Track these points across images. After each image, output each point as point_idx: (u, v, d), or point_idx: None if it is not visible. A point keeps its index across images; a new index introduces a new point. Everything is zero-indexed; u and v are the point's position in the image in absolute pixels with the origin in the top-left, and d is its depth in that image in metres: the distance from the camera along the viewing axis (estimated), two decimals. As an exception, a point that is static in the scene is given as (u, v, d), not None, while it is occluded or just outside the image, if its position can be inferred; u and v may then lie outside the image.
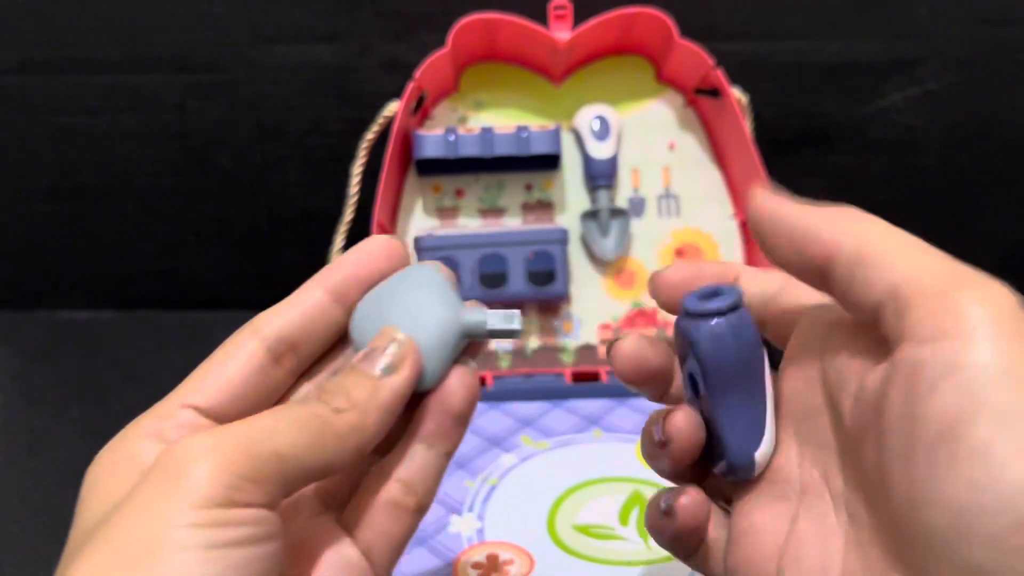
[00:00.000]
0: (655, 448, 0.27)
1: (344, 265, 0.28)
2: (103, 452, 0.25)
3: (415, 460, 0.26)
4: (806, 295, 0.27)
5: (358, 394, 0.24)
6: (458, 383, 0.26)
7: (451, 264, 0.56)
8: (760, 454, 0.26)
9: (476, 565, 0.40)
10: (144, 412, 0.25)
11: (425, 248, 0.56)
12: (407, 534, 0.26)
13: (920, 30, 0.63)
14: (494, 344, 0.59)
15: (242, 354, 0.26)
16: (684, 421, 0.27)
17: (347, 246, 0.58)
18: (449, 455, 0.27)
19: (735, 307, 0.26)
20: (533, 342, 0.59)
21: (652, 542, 0.41)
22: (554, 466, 0.47)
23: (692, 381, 0.27)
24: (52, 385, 0.62)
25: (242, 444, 0.21)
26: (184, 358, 0.27)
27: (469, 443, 0.50)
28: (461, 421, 0.26)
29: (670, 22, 0.56)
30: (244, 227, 0.68)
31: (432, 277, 0.27)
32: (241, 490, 0.21)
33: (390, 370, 0.25)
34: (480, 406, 0.54)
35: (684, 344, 0.27)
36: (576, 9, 0.57)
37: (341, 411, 0.24)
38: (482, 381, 0.57)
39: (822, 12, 0.63)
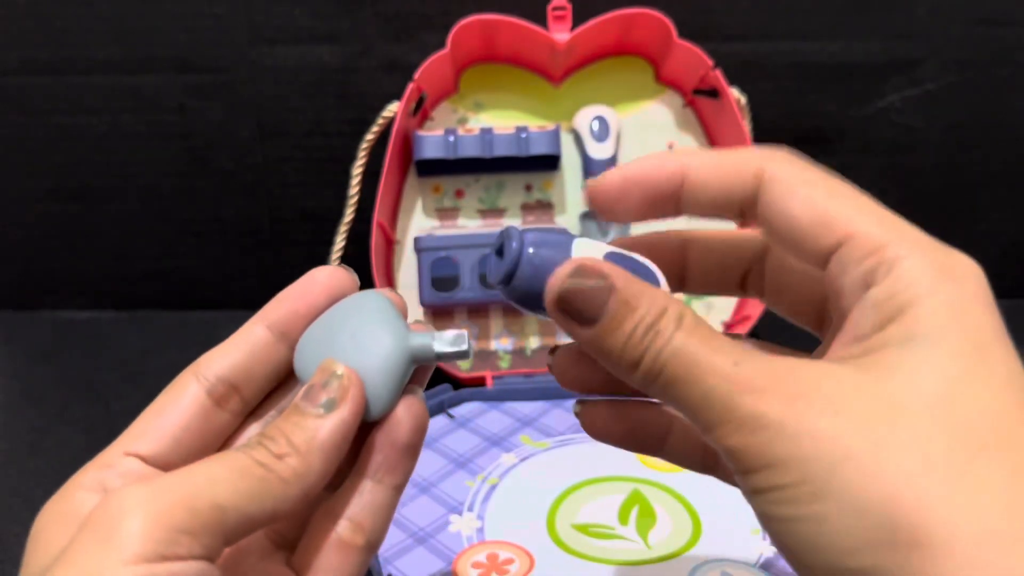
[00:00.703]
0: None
1: (286, 299, 0.27)
2: (47, 505, 0.24)
3: (363, 496, 0.25)
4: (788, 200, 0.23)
5: (299, 437, 0.23)
6: (405, 413, 0.25)
7: (451, 264, 0.56)
8: None
9: (476, 564, 0.40)
10: (88, 462, 0.25)
11: (425, 248, 0.56)
12: (358, 572, 0.25)
13: (919, 30, 0.63)
14: (493, 344, 0.59)
15: (183, 399, 0.25)
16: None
17: (347, 246, 0.58)
18: (400, 488, 0.26)
19: (514, 267, 0.24)
20: (533, 342, 0.59)
21: (652, 541, 0.41)
22: (554, 466, 0.47)
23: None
24: (53, 385, 0.62)
25: (178, 496, 0.21)
26: (184, 358, 0.27)
27: (469, 443, 0.50)
28: (410, 453, 0.26)
29: (669, 23, 0.56)
30: (244, 227, 0.68)
31: (376, 303, 0.26)
32: (177, 544, 0.20)
33: (331, 406, 0.24)
34: (480, 406, 0.54)
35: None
36: (575, 10, 0.57)
37: (283, 456, 0.23)
38: (482, 381, 0.57)
39: (822, 12, 0.63)
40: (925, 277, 0.21)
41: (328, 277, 0.27)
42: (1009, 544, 0.18)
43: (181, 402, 0.25)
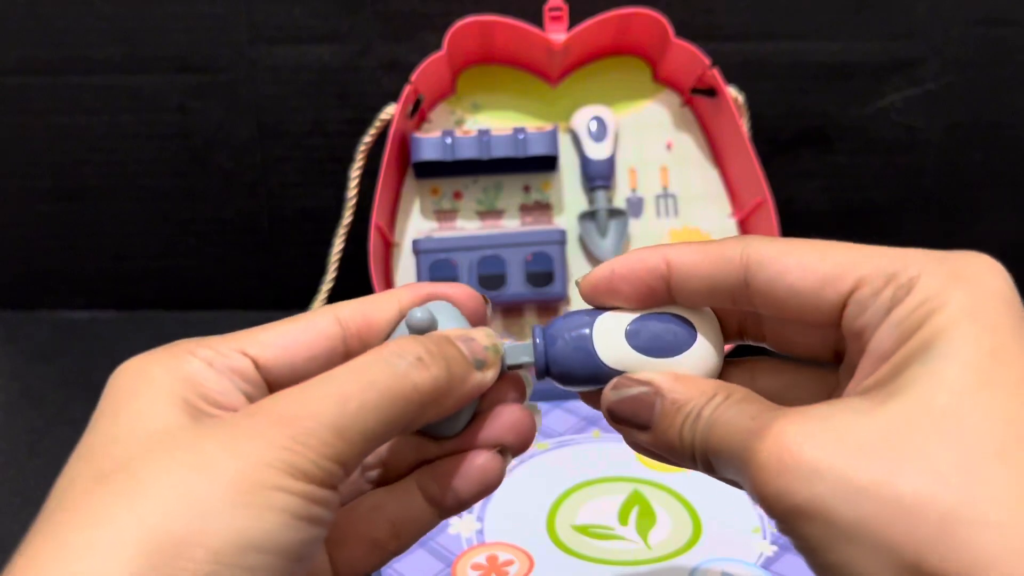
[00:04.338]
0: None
1: (427, 285, 0.27)
2: (143, 361, 0.24)
3: (413, 510, 0.26)
4: (777, 271, 0.23)
5: (457, 369, 0.24)
6: (480, 473, 0.26)
7: (450, 266, 0.56)
8: None
9: (476, 566, 0.40)
10: (192, 338, 0.24)
11: (423, 250, 0.56)
12: (372, 570, 0.26)
13: (920, 30, 0.63)
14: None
15: (320, 334, 0.25)
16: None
17: (346, 248, 0.58)
18: (444, 518, 0.27)
19: (545, 362, 0.26)
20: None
21: (652, 541, 0.41)
22: (554, 466, 0.47)
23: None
24: (52, 385, 0.62)
25: (335, 424, 0.21)
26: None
27: (468, 443, 0.50)
28: (471, 504, 0.26)
29: (665, 22, 0.56)
30: (244, 227, 0.68)
31: (448, 316, 0.26)
32: (332, 474, 0.21)
33: (481, 366, 0.25)
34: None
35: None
36: (572, 10, 0.57)
37: (437, 379, 0.23)
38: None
39: (822, 12, 0.63)
40: (942, 288, 0.21)
41: (474, 296, 0.27)
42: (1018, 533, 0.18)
43: (317, 335, 0.25)
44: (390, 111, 0.56)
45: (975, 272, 0.21)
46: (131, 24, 0.63)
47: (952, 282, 0.21)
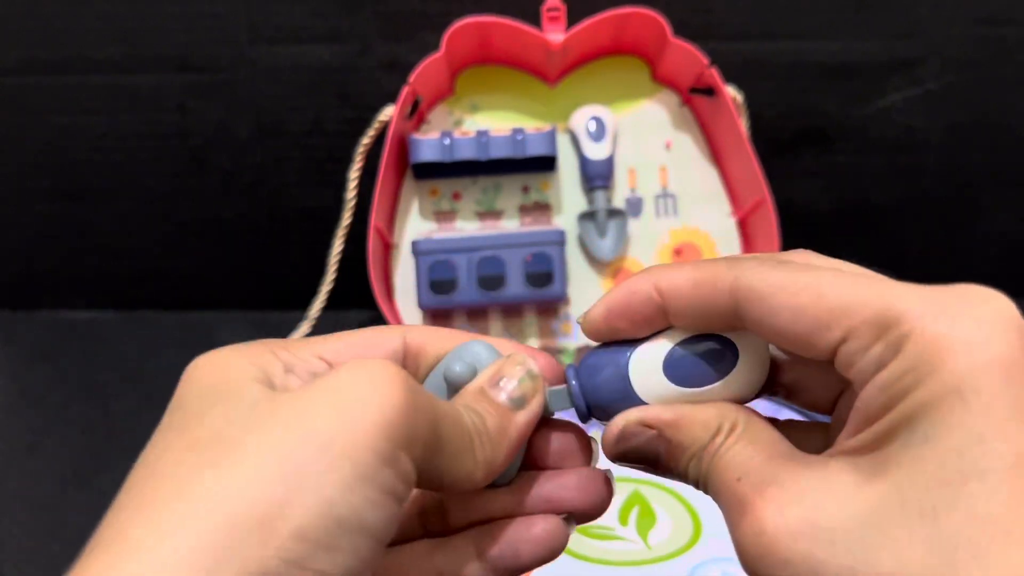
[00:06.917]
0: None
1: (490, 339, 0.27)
2: (221, 353, 0.23)
3: (463, 568, 0.25)
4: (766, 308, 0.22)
5: (492, 423, 0.23)
6: (541, 544, 0.25)
7: (449, 267, 0.56)
8: None
9: (474, 566, 0.40)
10: (264, 339, 0.24)
11: (423, 252, 0.56)
12: None
13: (920, 30, 0.63)
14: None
15: (386, 344, 0.25)
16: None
17: (346, 250, 0.58)
18: None
19: (586, 405, 0.25)
20: (533, 344, 0.59)
21: (652, 541, 0.41)
22: (552, 467, 0.47)
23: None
24: (52, 385, 0.62)
25: (421, 406, 0.21)
26: (184, 358, 0.27)
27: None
28: (522, 572, 0.25)
29: (663, 21, 0.56)
30: (244, 227, 0.68)
31: (489, 359, 0.26)
32: (411, 444, 0.20)
33: (521, 403, 0.24)
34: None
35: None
36: (570, 10, 0.57)
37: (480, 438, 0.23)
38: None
39: (822, 12, 0.63)
40: (933, 352, 0.20)
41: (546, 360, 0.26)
42: None
43: (382, 345, 0.25)
44: (389, 112, 0.56)
45: (976, 331, 0.19)
46: (131, 24, 0.63)
47: (945, 347, 0.19)
